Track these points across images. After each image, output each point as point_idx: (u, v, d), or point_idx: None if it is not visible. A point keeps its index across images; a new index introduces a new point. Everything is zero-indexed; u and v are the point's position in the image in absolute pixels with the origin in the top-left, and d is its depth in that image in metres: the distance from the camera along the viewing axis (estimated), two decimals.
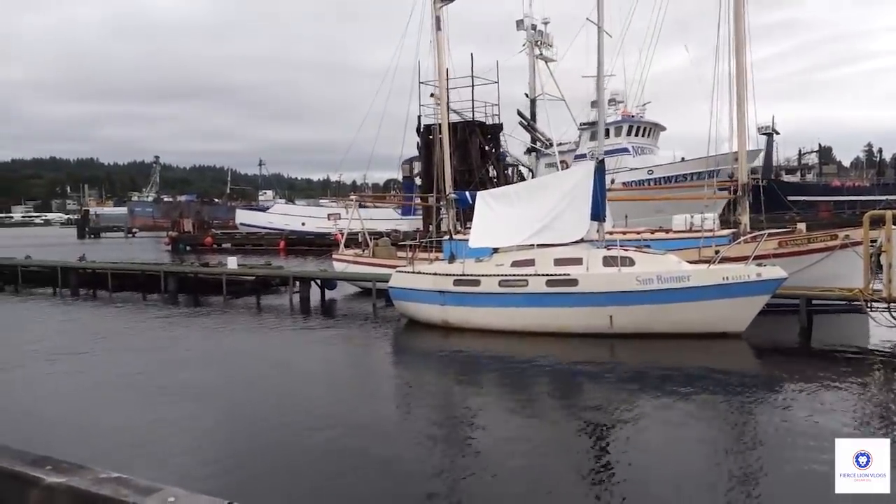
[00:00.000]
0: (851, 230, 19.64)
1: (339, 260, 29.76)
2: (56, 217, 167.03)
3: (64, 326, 21.65)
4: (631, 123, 48.88)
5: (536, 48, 45.14)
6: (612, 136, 48.18)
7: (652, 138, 50.56)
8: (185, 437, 10.50)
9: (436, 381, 14.79)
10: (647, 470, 8.96)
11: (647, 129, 50.29)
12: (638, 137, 49.36)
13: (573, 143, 50.76)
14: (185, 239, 65.45)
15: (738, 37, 20.57)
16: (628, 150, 47.77)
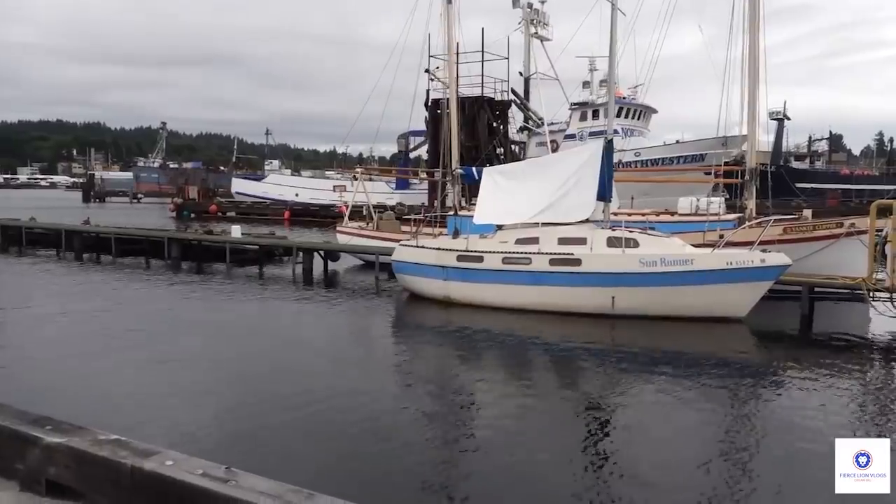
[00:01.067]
0: (857, 219, 19.56)
1: (343, 232, 29.74)
2: (61, 180, 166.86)
3: (67, 289, 21.71)
4: (621, 105, 48.97)
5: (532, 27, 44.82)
6: (602, 117, 48.43)
7: (643, 121, 50.82)
8: (184, 402, 10.58)
9: (435, 356, 14.84)
10: (641, 454, 9.02)
11: (638, 111, 50.53)
12: (628, 119, 49.51)
13: (564, 122, 50.88)
14: (190, 206, 65.39)
15: (752, 17, 20.33)
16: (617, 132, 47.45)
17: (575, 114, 50.21)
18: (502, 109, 47.40)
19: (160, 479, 3.70)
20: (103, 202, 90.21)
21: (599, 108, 49.08)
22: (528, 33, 44.76)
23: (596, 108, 49.90)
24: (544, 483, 7.93)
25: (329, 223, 39.23)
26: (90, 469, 3.97)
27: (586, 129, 49.24)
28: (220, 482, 3.57)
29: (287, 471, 7.81)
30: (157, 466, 3.76)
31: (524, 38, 44.97)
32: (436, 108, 41.69)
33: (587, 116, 50.26)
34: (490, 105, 45.72)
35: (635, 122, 50.31)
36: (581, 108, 50.15)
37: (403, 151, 62.93)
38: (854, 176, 78.85)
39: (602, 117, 48.34)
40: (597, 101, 50.04)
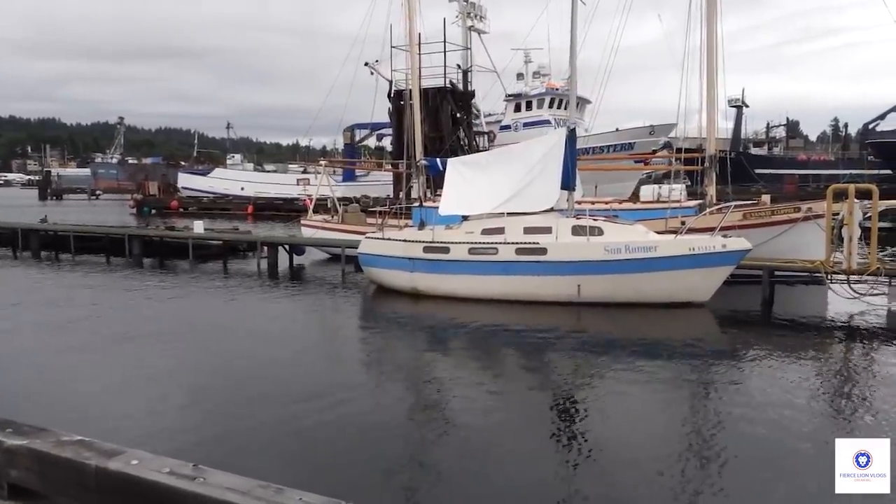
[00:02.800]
0: (814, 203, 19.99)
1: (308, 226, 29.50)
2: (16, 178, 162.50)
3: (24, 290, 21.21)
4: (553, 96, 50.56)
5: (469, 20, 45.18)
6: (535, 107, 50.58)
7: (579, 111, 51.78)
8: (146, 401, 10.41)
9: (404, 348, 14.83)
10: (611, 441, 9.12)
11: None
12: (561, 110, 50.46)
13: (500, 113, 51.78)
14: (151, 202, 64.34)
15: (710, 7, 20.60)
16: (550, 122, 49.22)
17: (509, 105, 51.74)
18: (465, 100, 47.49)
19: (126, 478, 3.65)
20: (60, 199, 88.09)
21: (533, 98, 51.29)
22: (465, 26, 45.09)
23: (529, 100, 51.61)
24: (515, 472, 8.00)
25: (293, 217, 38.88)
26: (53, 471, 3.90)
27: (521, 120, 50.53)
28: (187, 480, 3.54)
29: (255, 467, 7.76)
30: (122, 466, 3.71)
31: (462, 31, 45.21)
32: (399, 99, 41.53)
33: (521, 107, 51.69)
34: (453, 95, 45.75)
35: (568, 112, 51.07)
36: (515, 100, 51.56)
37: (349, 144, 63.96)
38: (811, 161, 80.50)
39: (535, 108, 50.60)
40: (530, 93, 51.44)
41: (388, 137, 66.82)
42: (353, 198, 35.96)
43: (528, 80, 53.97)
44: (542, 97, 51.28)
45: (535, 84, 53.29)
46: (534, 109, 51.12)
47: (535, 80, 53.50)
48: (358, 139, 65.13)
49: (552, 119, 49.81)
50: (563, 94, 50.10)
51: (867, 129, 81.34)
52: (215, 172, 78.01)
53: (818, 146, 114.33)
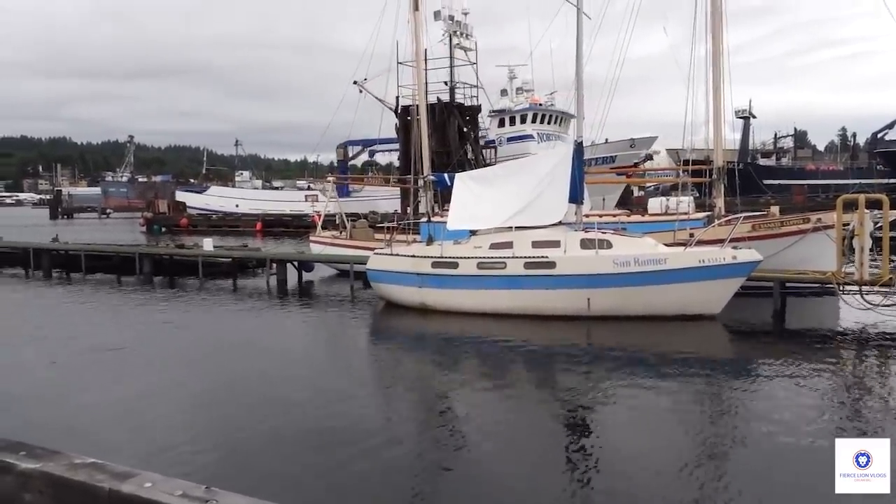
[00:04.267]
0: (823, 213, 19.92)
1: (317, 242, 29.59)
2: (28, 197, 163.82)
3: (36, 309, 21.33)
4: (536, 111, 51.51)
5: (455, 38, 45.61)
6: (518, 123, 51.84)
7: (563, 126, 53.48)
8: (159, 421, 10.42)
9: (413, 364, 14.81)
10: (623, 454, 9.07)
11: (556, 117, 52.65)
12: (544, 125, 51.84)
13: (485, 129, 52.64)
14: (161, 220, 64.73)
15: (715, 19, 20.64)
16: (533, 137, 50.62)
17: (493, 120, 52.80)
18: (472, 115, 47.69)
19: (139, 501, 3.64)
20: (71, 218, 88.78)
21: (516, 114, 52.34)
22: (451, 45, 45.51)
23: (513, 115, 52.65)
24: (526, 486, 7.95)
25: (302, 233, 39.04)
26: (66, 494, 3.90)
27: (504, 135, 51.60)
28: (199, 502, 3.53)
29: (267, 486, 7.76)
30: (135, 489, 3.70)
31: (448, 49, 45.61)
32: (406, 115, 41.75)
33: (505, 123, 52.67)
34: (460, 110, 45.94)
35: (553, 127, 52.89)
36: (499, 115, 52.34)
37: (342, 160, 64.76)
38: (820, 171, 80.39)
39: (519, 123, 52.12)
40: (514, 109, 52.35)
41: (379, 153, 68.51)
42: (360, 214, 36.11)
43: (511, 95, 54.96)
44: (526, 112, 52.31)
45: (519, 100, 54.36)
46: (517, 125, 52.21)
47: (518, 95, 54.54)
48: (351, 155, 66.13)
49: (535, 134, 51.12)
50: (546, 110, 51.90)
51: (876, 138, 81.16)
52: (211, 190, 79.72)
53: (826, 156, 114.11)
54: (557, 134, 52.42)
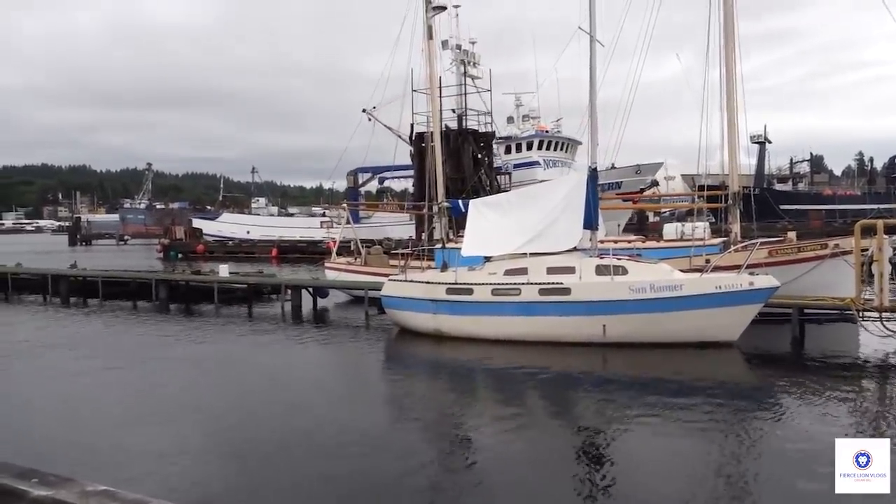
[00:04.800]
0: (841, 239, 19.73)
1: (332, 268, 29.68)
2: (47, 224, 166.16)
3: (53, 335, 21.47)
4: (542, 138, 52.39)
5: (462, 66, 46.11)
6: (525, 149, 52.76)
7: (569, 153, 54.14)
8: (174, 448, 10.40)
9: (428, 392, 14.73)
10: (642, 481, 8.93)
11: (562, 143, 53.59)
12: (550, 151, 52.84)
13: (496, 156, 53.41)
14: (177, 246, 65.33)
15: (727, 46, 20.67)
16: (539, 164, 51.69)
17: (500, 147, 53.43)
18: (487, 141, 47.93)
19: None
20: (90, 245, 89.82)
21: (522, 141, 53.34)
22: (459, 73, 46.01)
23: (519, 142, 53.61)
24: None
25: (317, 259, 39.18)
26: None
27: (511, 161, 52.42)
28: None
29: None
30: None
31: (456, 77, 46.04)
32: (420, 141, 42.01)
33: (511, 149, 53.47)
34: (475, 137, 46.19)
35: (559, 153, 53.92)
36: (506, 142, 53.01)
37: (352, 187, 65.71)
38: (837, 196, 79.82)
39: (525, 150, 53.24)
40: (520, 136, 53.10)
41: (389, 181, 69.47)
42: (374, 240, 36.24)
43: (518, 122, 55.72)
44: (532, 139, 53.14)
45: (525, 127, 55.00)
46: (523, 151, 53.11)
47: (524, 122, 55.20)
48: (361, 182, 67.21)
49: (541, 160, 52.03)
50: (552, 137, 52.86)
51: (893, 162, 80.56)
52: (223, 217, 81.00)
53: (843, 181, 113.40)
54: (564, 160, 53.23)
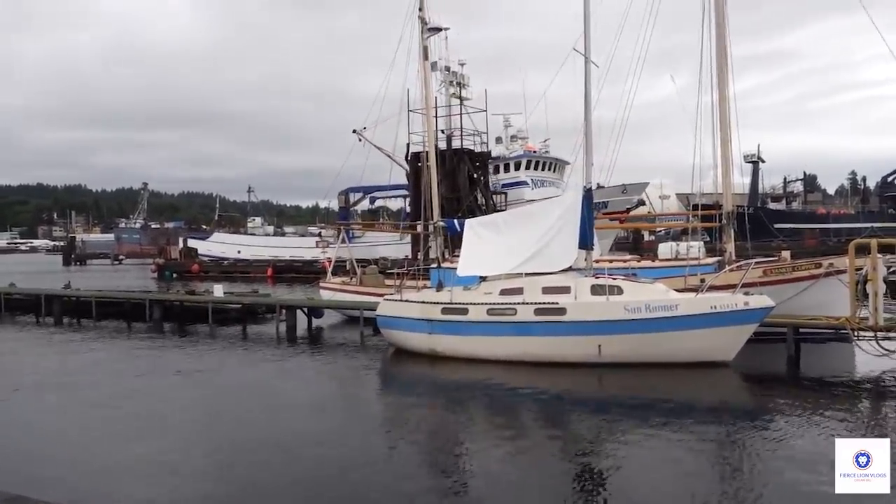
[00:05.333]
0: (835, 258, 19.77)
1: (327, 288, 29.61)
2: (42, 244, 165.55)
3: (44, 357, 21.31)
4: (530, 158, 53.36)
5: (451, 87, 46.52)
6: (513, 169, 53.85)
7: (557, 172, 55.12)
8: (166, 471, 10.29)
9: (423, 412, 14.62)
10: (639, 502, 8.86)
11: (550, 163, 54.82)
12: (538, 171, 53.92)
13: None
14: (172, 266, 65.12)
15: (721, 67, 20.82)
16: (527, 183, 52.77)
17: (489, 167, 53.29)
18: (482, 161, 48.14)
19: None
20: (84, 265, 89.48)
21: (511, 161, 54.26)
22: (448, 94, 46.41)
23: (507, 162, 54.42)
24: None
25: (312, 279, 39.09)
26: None
27: (499, 182, 53.07)
28: None
29: None
30: None
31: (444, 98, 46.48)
32: (416, 161, 42.17)
33: (500, 169, 54.08)
34: (470, 157, 46.39)
35: (547, 173, 54.87)
36: (494, 162, 53.43)
37: (343, 207, 66.15)
38: (831, 215, 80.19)
39: (513, 170, 53.87)
40: (509, 156, 53.96)
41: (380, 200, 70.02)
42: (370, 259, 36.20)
43: (506, 143, 56.39)
44: (520, 159, 53.94)
45: (513, 147, 55.66)
46: (512, 171, 53.80)
47: (513, 143, 55.93)
48: (352, 202, 67.71)
49: (529, 180, 52.98)
50: (539, 157, 54.14)
51: (886, 182, 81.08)
52: (213, 237, 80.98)
53: (837, 200, 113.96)
54: (552, 180, 53.96)
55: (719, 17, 20.65)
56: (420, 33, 25.78)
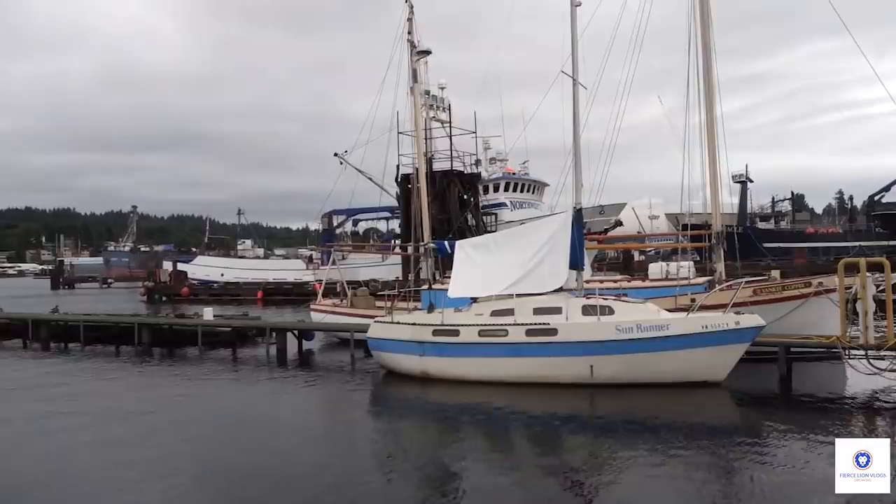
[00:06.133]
0: (825, 277, 19.86)
1: (317, 310, 29.47)
2: (30, 268, 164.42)
3: (30, 383, 21.03)
4: (509, 180, 54.05)
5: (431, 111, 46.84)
6: (492, 191, 54.56)
7: (536, 194, 55.95)
8: (152, 495, 10.13)
9: (415, 435, 14.50)
10: None
11: (529, 185, 55.98)
12: (517, 193, 55.12)
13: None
14: (161, 289, 64.73)
15: (707, 88, 21.02)
16: (506, 205, 53.75)
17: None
18: (472, 182, 48.28)
19: None
20: (73, 288, 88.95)
21: (489, 183, 55.10)
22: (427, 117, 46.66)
23: (486, 184, 54.71)
24: None
25: (303, 301, 38.92)
26: None
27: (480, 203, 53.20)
28: None
29: None
30: None
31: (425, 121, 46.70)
32: (406, 182, 42.25)
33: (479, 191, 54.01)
34: (460, 178, 46.51)
35: (526, 195, 56.06)
36: None
37: (326, 229, 67.15)
38: (819, 234, 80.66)
39: (492, 191, 54.71)
40: (488, 178, 54.60)
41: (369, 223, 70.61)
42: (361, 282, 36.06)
43: (485, 165, 56.77)
44: (499, 181, 54.82)
45: (492, 169, 56.13)
46: (491, 193, 54.40)
47: (492, 165, 56.46)
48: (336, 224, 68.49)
49: (508, 202, 53.89)
50: (518, 178, 55.25)
51: (873, 200, 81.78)
52: (197, 260, 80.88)
53: (825, 219, 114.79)
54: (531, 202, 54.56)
55: (705, 38, 20.91)
56: (410, 56, 25.97)
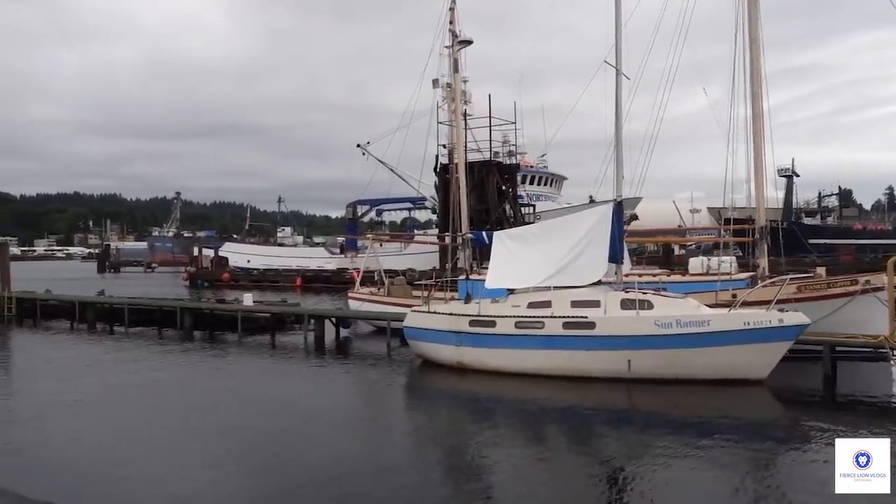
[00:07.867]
0: (872, 275, 19.32)
1: (355, 298, 29.71)
2: (77, 251, 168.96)
3: (79, 362, 21.61)
4: (527, 173, 53.92)
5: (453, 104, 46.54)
6: None
7: (555, 187, 55.81)
8: (197, 481, 10.35)
9: (450, 426, 14.54)
10: None
11: (547, 178, 56.95)
12: (536, 186, 55.90)
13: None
14: (203, 274, 65.91)
15: (754, 81, 20.53)
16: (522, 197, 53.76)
17: None
18: (511, 173, 48.16)
19: None
20: (118, 272, 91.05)
21: None
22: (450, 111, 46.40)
23: None
24: None
25: (341, 289, 39.26)
26: None
27: None
28: None
29: None
30: None
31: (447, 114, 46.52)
32: (445, 172, 42.27)
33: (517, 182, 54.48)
34: (499, 169, 46.42)
35: (545, 188, 56.81)
36: None
37: (351, 218, 68.67)
38: (867, 231, 78.49)
39: None
40: None
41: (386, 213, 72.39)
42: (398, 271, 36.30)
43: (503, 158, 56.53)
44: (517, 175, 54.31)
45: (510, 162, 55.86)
46: None
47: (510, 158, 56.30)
48: (360, 214, 69.94)
49: (526, 195, 54.23)
50: (536, 172, 56.09)
51: None
52: (225, 246, 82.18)
53: (873, 215, 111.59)
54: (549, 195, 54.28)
55: (753, 30, 20.42)
56: (451, 46, 25.88)
